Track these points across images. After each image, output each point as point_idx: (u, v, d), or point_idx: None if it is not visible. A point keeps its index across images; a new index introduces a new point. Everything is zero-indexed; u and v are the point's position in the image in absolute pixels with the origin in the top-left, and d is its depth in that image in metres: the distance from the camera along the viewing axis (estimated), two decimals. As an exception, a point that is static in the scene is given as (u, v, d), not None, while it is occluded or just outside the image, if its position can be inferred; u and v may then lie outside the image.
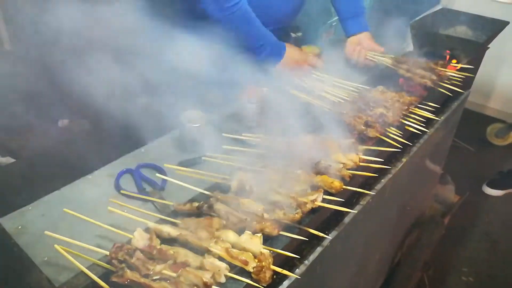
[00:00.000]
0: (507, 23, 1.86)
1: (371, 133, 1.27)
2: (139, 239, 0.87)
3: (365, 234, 1.35)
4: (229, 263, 0.83)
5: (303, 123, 1.22)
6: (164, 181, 1.16)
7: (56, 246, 0.83)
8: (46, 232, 0.87)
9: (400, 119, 1.39)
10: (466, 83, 1.77)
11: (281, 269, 0.83)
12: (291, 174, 1.07)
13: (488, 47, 1.99)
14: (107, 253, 0.84)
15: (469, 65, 1.79)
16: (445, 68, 1.71)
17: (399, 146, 1.28)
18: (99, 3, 1.27)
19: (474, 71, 2.01)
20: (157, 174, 1.13)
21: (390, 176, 1.28)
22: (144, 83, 1.32)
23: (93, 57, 1.21)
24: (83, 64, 1.22)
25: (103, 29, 1.25)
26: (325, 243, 1.00)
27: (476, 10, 2.06)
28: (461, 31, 1.92)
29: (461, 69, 1.74)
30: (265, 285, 0.81)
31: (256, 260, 0.82)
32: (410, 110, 1.45)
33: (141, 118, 1.24)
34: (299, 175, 1.06)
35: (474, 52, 1.79)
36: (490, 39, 1.84)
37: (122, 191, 1.13)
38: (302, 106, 1.35)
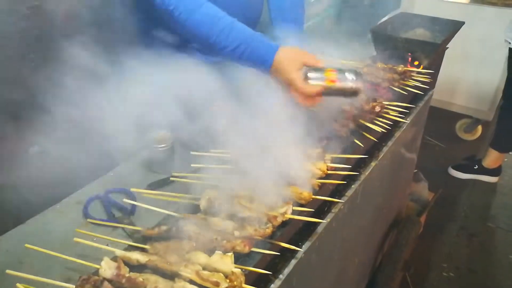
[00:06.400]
0: (463, 23, 1.93)
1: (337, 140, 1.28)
2: (107, 268, 0.85)
3: (341, 241, 1.35)
4: (200, 286, 0.81)
5: (271, 135, 1.22)
6: (134, 205, 1.14)
7: (18, 284, 0.79)
8: (7, 271, 0.83)
9: (368, 124, 1.41)
10: (430, 83, 1.82)
11: (253, 287, 0.82)
12: (260, 187, 1.06)
13: (447, 47, 2.06)
14: (74, 287, 0.82)
15: (430, 65, 1.85)
16: (408, 70, 1.76)
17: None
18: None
19: (436, 71, 2.08)
20: (125, 200, 1.11)
21: (360, 181, 1.29)
22: (110, 105, 1.30)
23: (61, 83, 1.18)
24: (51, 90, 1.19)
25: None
26: (299, 255, 0.99)
27: (435, 13, 2.13)
28: (420, 33, 1.98)
29: (424, 69, 1.79)
30: (239, 305, 0.80)
31: (228, 280, 0.81)
32: (377, 114, 1.48)
33: (109, 141, 1.21)
34: (268, 188, 1.06)
35: (433, 53, 1.85)
36: (447, 39, 1.90)
37: (89, 220, 1.10)
38: (269, 118, 1.35)
